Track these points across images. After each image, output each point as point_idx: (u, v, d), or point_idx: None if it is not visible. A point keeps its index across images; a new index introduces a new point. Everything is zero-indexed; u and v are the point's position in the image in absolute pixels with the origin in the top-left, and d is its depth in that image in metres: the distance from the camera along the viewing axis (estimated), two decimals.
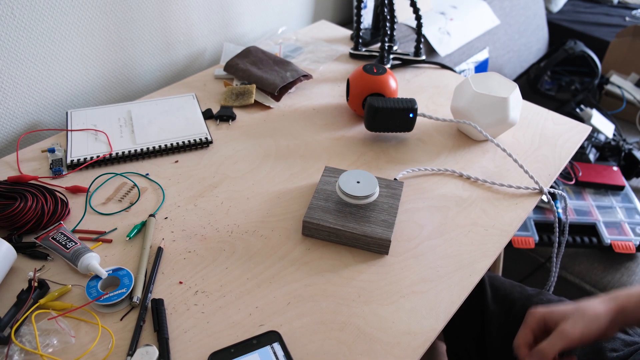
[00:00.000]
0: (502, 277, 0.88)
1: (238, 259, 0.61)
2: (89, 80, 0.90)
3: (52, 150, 0.74)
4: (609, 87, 1.75)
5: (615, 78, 1.77)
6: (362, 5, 1.07)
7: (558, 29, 1.98)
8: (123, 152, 0.75)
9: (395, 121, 0.79)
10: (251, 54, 0.97)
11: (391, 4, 0.96)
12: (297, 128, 0.85)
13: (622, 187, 1.26)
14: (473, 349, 0.82)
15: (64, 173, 0.72)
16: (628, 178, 1.39)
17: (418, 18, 1.00)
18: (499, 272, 1.13)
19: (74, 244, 0.58)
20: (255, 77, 0.92)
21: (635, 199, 1.24)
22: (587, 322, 0.56)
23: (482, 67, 1.56)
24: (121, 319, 0.54)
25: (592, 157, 1.41)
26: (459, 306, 0.58)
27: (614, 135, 1.55)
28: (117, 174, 0.73)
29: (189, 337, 0.52)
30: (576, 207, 1.18)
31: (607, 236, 1.10)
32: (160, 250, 0.61)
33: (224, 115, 0.85)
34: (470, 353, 0.83)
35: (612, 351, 0.62)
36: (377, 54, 1.06)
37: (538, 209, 1.17)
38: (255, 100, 0.89)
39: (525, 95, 1.64)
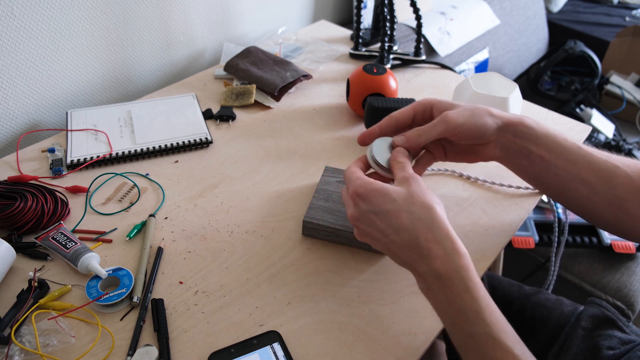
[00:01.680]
0: (500, 276, 0.88)
1: (238, 259, 0.61)
2: (89, 80, 0.90)
3: (52, 150, 0.74)
4: (609, 87, 1.75)
5: (615, 78, 1.77)
6: (362, 5, 1.07)
7: (558, 29, 1.98)
8: (123, 152, 0.75)
9: None
10: (251, 54, 0.97)
11: (391, 4, 0.96)
12: (297, 128, 0.85)
13: None
14: None
15: (64, 173, 0.72)
16: None
17: (418, 18, 1.00)
18: (499, 272, 1.13)
19: (74, 244, 0.58)
20: (255, 77, 0.92)
21: None
22: (474, 115, 0.56)
23: (482, 67, 1.56)
24: (121, 319, 0.54)
25: None
26: None
27: (614, 135, 1.55)
28: (117, 174, 0.73)
29: (189, 337, 0.52)
30: None
31: (607, 236, 1.10)
32: (160, 250, 0.61)
33: (224, 115, 0.85)
34: None
35: (609, 349, 0.62)
36: (377, 54, 1.06)
37: (538, 209, 1.18)
38: (255, 100, 0.89)
39: (525, 95, 1.64)
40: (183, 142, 0.78)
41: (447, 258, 0.46)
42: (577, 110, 1.61)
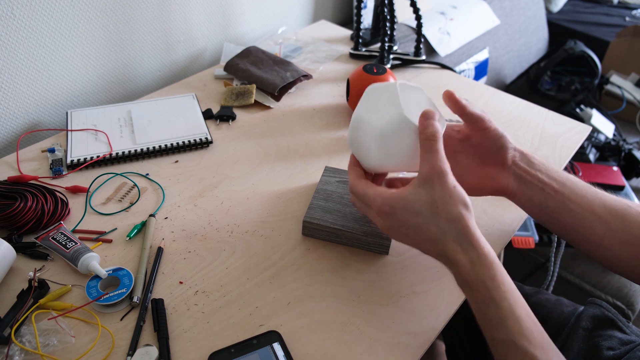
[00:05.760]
0: None
1: (238, 259, 0.61)
2: (89, 80, 0.90)
3: (52, 150, 0.74)
4: (609, 87, 1.75)
5: (615, 78, 1.77)
6: (362, 5, 1.07)
7: (558, 29, 1.98)
8: (123, 152, 0.75)
9: None
10: (251, 54, 0.97)
11: (391, 4, 0.96)
12: (297, 128, 0.85)
13: (622, 187, 1.26)
14: (471, 349, 0.82)
15: (64, 173, 0.72)
16: (628, 178, 1.39)
17: (418, 18, 1.00)
18: None
19: (74, 244, 0.58)
20: (255, 77, 0.92)
21: (636, 199, 1.24)
22: (498, 129, 0.57)
23: (482, 67, 1.56)
24: (121, 319, 0.54)
25: (592, 157, 1.42)
26: (459, 306, 0.58)
27: (614, 135, 1.55)
28: (117, 174, 0.73)
29: (189, 337, 0.52)
30: None
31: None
32: (160, 250, 0.61)
33: (224, 115, 0.85)
34: (468, 353, 0.83)
35: (609, 349, 0.62)
36: (377, 54, 1.06)
37: None
38: (255, 100, 0.89)
39: (525, 95, 1.64)
40: (183, 142, 0.78)
41: (472, 268, 0.47)
42: (577, 110, 1.61)
